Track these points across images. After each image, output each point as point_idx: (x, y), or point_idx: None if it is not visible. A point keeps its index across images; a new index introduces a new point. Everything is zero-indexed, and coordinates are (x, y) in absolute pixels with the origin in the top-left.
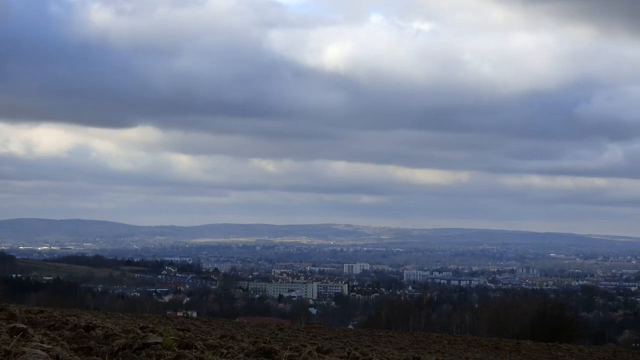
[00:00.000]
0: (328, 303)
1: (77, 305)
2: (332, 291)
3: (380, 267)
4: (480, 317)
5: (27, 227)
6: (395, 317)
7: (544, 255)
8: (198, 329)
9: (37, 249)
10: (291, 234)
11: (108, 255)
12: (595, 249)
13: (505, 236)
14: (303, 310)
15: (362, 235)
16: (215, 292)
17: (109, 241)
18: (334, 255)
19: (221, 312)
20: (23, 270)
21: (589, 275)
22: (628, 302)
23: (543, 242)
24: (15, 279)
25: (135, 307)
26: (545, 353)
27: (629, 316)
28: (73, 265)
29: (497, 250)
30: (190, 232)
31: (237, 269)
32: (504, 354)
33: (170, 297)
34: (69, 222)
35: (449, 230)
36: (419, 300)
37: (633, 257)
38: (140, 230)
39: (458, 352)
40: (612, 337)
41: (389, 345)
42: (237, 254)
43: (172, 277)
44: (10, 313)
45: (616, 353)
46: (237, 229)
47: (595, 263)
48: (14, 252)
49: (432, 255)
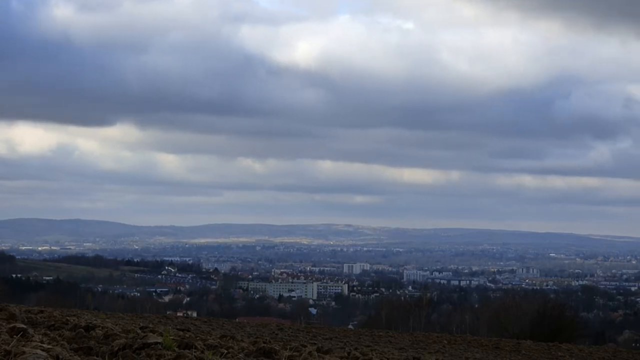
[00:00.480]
0: (328, 303)
1: (77, 305)
2: (332, 291)
3: (380, 267)
4: (480, 317)
5: (27, 227)
6: (395, 317)
7: (544, 255)
8: (198, 329)
9: (37, 249)
10: (291, 234)
11: (108, 255)
12: (595, 249)
13: (505, 236)
14: (303, 310)
15: (362, 235)
16: (215, 292)
17: (109, 241)
18: (334, 255)
19: (221, 312)
20: (23, 270)
21: (589, 275)
22: (628, 302)
23: (543, 242)
24: (15, 279)
25: (135, 307)
26: (545, 353)
27: (629, 316)
28: (73, 265)
29: (497, 250)
30: (190, 232)
31: (237, 269)
32: (504, 354)
33: (170, 297)
34: (69, 222)
35: (449, 230)
36: (419, 300)
37: (633, 257)
38: (140, 230)
39: (458, 352)
40: (612, 337)
41: (389, 345)
42: (237, 254)
43: (172, 277)
44: (10, 313)
45: (616, 353)
46: (237, 229)
47: (595, 263)
48: (14, 252)
49: (432, 255)
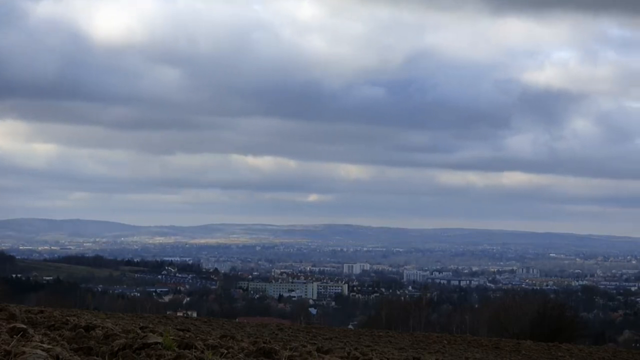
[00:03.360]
0: (328, 303)
1: (77, 305)
2: (332, 291)
3: (380, 267)
4: (480, 317)
5: (27, 227)
6: (395, 317)
7: (544, 255)
8: (198, 329)
9: (37, 249)
10: (291, 234)
11: (108, 255)
12: (595, 249)
13: (505, 236)
14: (303, 310)
15: (362, 235)
16: (215, 292)
17: (109, 241)
18: (334, 255)
19: (221, 312)
20: (23, 270)
21: (589, 275)
22: (628, 302)
23: (543, 242)
24: (15, 279)
25: (135, 307)
26: (545, 353)
27: (629, 316)
28: (73, 265)
29: (497, 250)
30: (190, 232)
31: (237, 269)
32: (504, 354)
33: (170, 297)
34: (69, 222)
35: (449, 230)
36: (419, 300)
37: (633, 257)
38: (140, 230)
39: (458, 352)
40: (612, 337)
41: (389, 345)
42: (237, 254)
43: (172, 277)
44: (10, 313)
45: (616, 353)
46: (237, 229)
47: (595, 263)
48: (14, 252)
49: (432, 255)
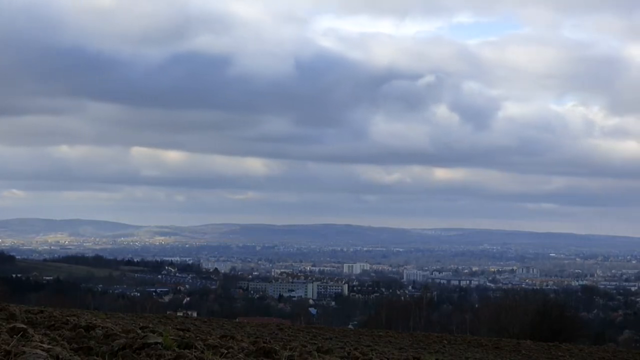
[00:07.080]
0: (328, 303)
1: (77, 305)
2: (332, 291)
3: (380, 267)
4: (480, 317)
5: (27, 227)
6: (395, 317)
7: (544, 255)
8: (198, 329)
9: (37, 249)
10: (291, 234)
11: (108, 255)
12: (595, 249)
13: (505, 236)
14: (303, 310)
15: (362, 235)
16: (215, 292)
17: (109, 241)
18: (334, 255)
19: (221, 312)
20: (23, 270)
21: (589, 275)
22: (628, 302)
23: (543, 242)
24: (15, 279)
25: (135, 307)
26: (545, 353)
27: (629, 316)
28: (73, 265)
29: (497, 250)
30: (190, 232)
31: (237, 269)
32: (504, 354)
33: (170, 297)
34: (69, 222)
35: (449, 230)
36: (419, 300)
37: (633, 257)
38: (140, 230)
39: (458, 352)
40: (612, 337)
41: (389, 345)
42: (237, 254)
43: (172, 277)
44: (10, 313)
45: (616, 353)
46: (237, 229)
47: (595, 263)
48: (14, 252)
49: (432, 255)
